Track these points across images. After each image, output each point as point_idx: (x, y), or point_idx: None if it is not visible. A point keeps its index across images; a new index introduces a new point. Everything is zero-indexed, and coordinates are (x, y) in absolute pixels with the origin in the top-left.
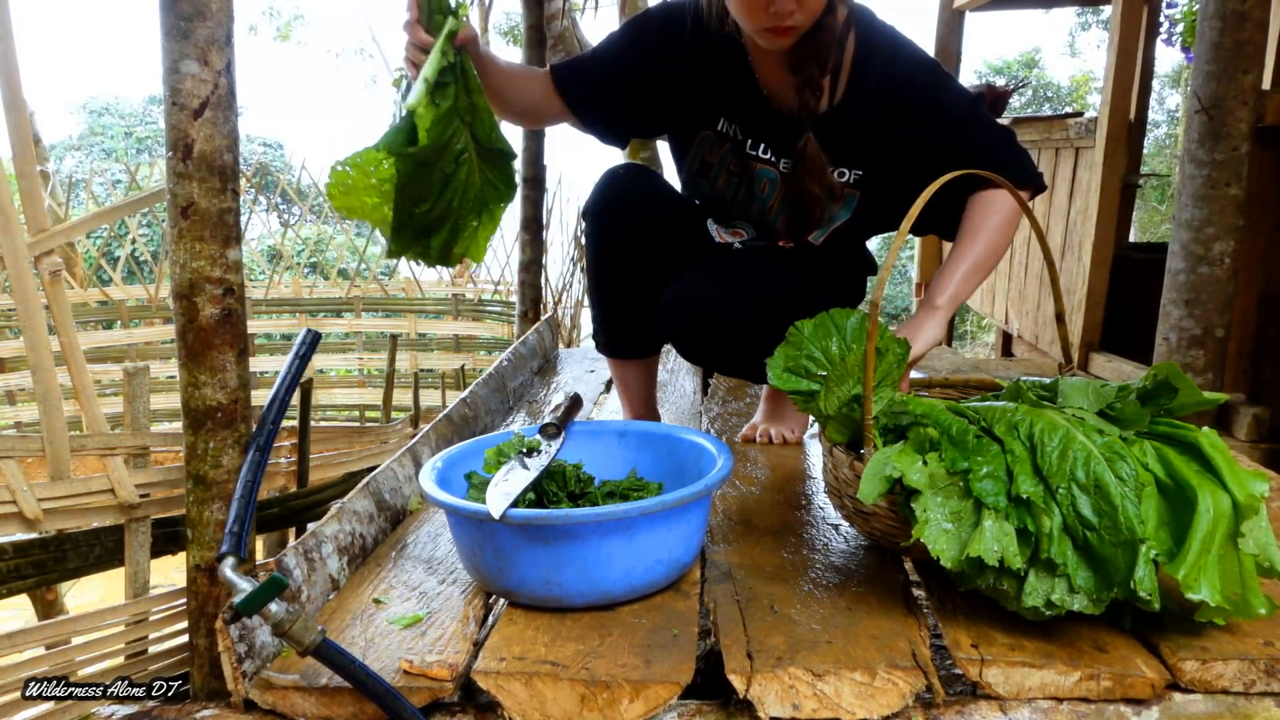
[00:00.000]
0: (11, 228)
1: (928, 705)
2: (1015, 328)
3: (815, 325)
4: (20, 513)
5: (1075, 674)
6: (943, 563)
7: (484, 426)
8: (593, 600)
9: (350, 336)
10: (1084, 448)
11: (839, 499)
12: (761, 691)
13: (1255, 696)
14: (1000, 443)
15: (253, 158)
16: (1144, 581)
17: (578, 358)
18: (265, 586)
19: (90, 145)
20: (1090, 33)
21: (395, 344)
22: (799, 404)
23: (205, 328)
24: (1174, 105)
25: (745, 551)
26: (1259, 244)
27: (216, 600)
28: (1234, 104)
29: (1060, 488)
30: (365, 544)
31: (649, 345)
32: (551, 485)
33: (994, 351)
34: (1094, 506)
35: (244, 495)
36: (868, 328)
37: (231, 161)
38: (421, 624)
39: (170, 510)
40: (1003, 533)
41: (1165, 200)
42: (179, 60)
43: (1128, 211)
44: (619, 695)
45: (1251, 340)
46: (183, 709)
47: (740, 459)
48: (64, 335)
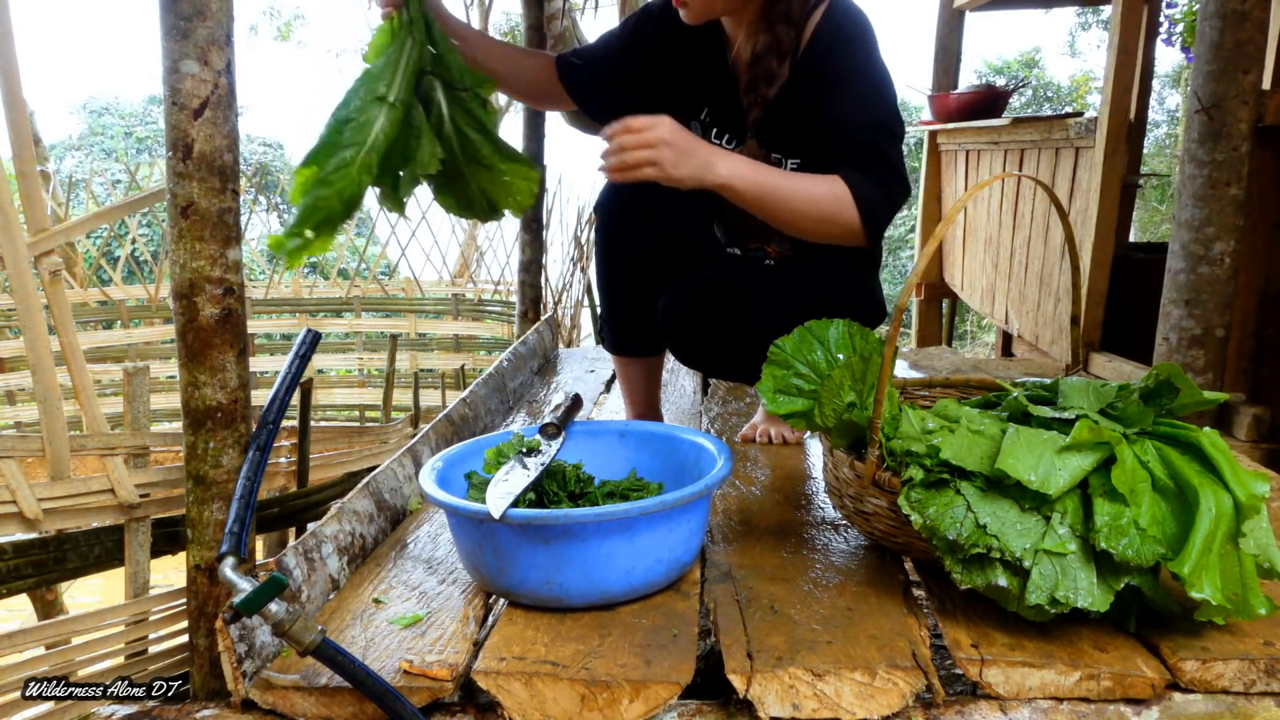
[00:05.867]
0: (11, 228)
1: (928, 705)
2: (1015, 328)
3: (797, 340)
4: (20, 513)
5: (1075, 674)
6: (967, 467)
7: (484, 426)
8: (593, 600)
9: (350, 336)
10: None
11: (839, 499)
12: (761, 691)
13: (1255, 696)
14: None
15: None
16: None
17: (578, 358)
18: (265, 586)
19: (90, 145)
20: (1090, 33)
21: (395, 344)
22: (797, 426)
23: (205, 328)
24: (1174, 105)
25: (745, 551)
26: (1259, 244)
27: (216, 600)
28: (1234, 104)
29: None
30: (365, 544)
31: (653, 344)
32: (551, 485)
33: (994, 351)
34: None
35: (244, 495)
36: (849, 335)
37: (231, 161)
38: (421, 624)
39: (170, 510)
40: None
41: (1165, 200)
42: (179, 60)
43: (1128, 211)
44: (619, 695)
45: (1251, 340)
46: (183, 709)
47: (740, 459)
48: (64, 335)
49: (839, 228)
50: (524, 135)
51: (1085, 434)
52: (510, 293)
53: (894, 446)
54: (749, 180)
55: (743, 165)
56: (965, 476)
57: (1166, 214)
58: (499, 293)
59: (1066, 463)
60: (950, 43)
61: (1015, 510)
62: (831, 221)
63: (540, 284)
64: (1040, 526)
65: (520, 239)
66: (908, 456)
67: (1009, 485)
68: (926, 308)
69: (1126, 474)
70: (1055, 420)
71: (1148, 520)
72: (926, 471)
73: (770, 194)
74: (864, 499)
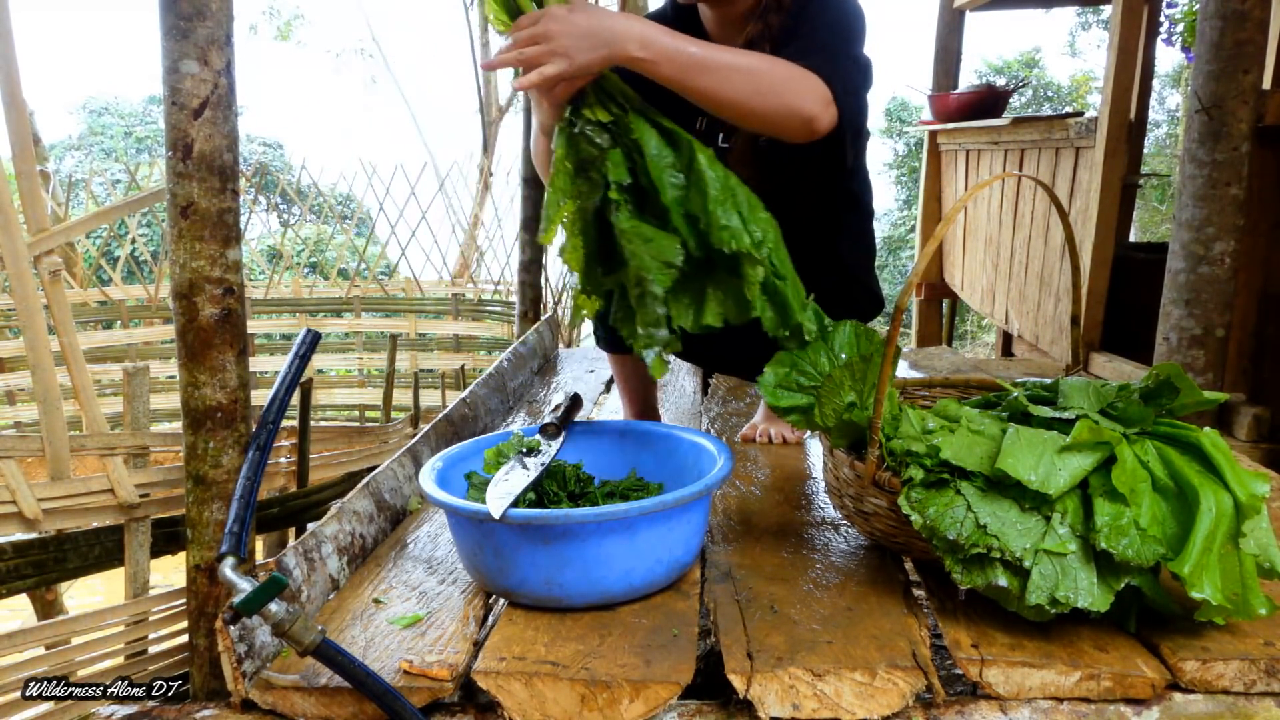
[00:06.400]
0: (11, 228)
1: (928, 705)
2: (1015, 328)
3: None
4: (20, 513)
5: (1075, 674)
6: (968, 467)
7: (484, 426)
8: (593, 600)
9: (350, 336)
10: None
11: (839, 499)
12: (761, 691)
13: (1255, 696)
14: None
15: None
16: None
17: (578, 358)
18: (265, 586)
19: (90, 145)
20: (1090, 33)
21: (395, 344)
22: (798, 422)
23: (205, 328)
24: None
25: (745, 551)
26: (1259, 244)
27: (216, 600)
28: (1234, 104)
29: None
30: (365, 544)
31: None
32: (551, 485)
33: (994, 351)
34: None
35: (244, 495)
36: (855, 336)
37: (231, 161)
38: (421, 624)
39: (170, 510)
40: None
41: (1165, 200)
42: (179, 60)
43: (1128, 211)
44: (619, 695)
45: (1251, 340)
46: (183, 709)
47: (740, 459)
48: (64, 335)
49: (784, 101)
50: (524, 135)
51: (1085, 434)
52: (510, 293)
53: (894, 446)
54: (669, 48)
55: (658, 32)
56: (965, 476)
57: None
58: (499, 293)
59: (1067, 463)
60: (950, 43)
61: (1015, 510)
62: (776, 94)
63: (540, 284)
64: (1040, 526)
65: (520, 239)
66: (908, 456)
67: (1009, 485)
68: (926, 308)
69: (1127, 474)
70: (1055, 420)
71: (1148, 520)
72: (927, 471)
73: (698, 63)
74: (864, 499)
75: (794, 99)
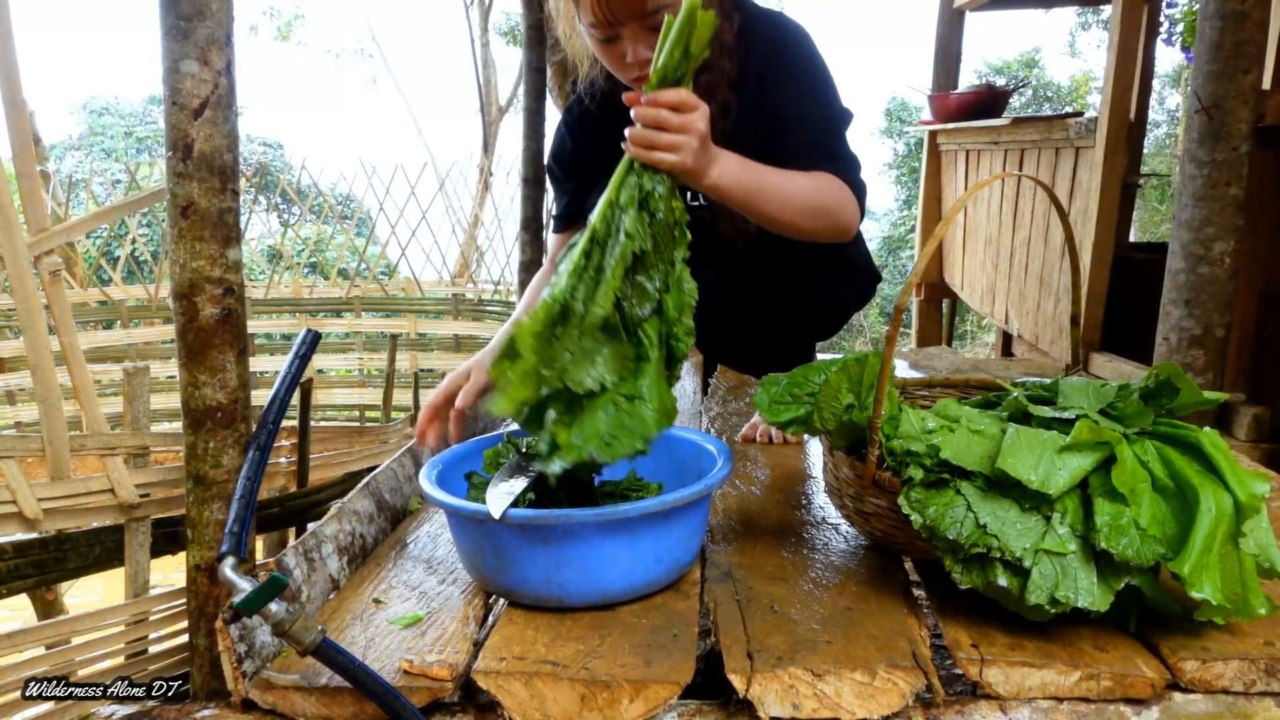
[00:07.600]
0: (11, 228)
1: (928, 705)
2: (1015, 328)
3: (790, 374)
4: (20, 513)
5: (1075, 674)
6: (968, 467)
7: (484, 426)
8: (593, 600)
9: (350, 336)
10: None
11: (839, 499)
12: (761, 691)
13: (1255, 696)
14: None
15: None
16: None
17: None
18: (265, 586)
19: (90, 145)
20: (1090, 33)
21: (395, 344)
22: (798, 431)
23: (205, 328)
24: (1174, 105)
25: (745, 551)
26: (1259, 244)
27: (216, 600)
28: (1234, 104)
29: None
30: (365, 544)
31: None
32: (552, 485)
33: (994, 351)
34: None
35: (244, 495)
36: (840, 364)
37: (231, 161)
38: (421, 624)
39: (170, 510)
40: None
41: (1165, 200)
42: (179, 60)
43: (1128, 211)
44: (619, 695)
45: (1251, 340)
46: (183, 709)
47: (740, 459)
48: (64, 335)
49: (833, 219)
50: (524, 135)
51: (1085, 434)
52: (510, 293)
53: (894, 446)
54: (737, 178)
55: (732, 163)
56: (965, 476)
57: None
58: (499, 293)
59: (1066, 463)
60: (950, 43)
61: (1015, 510)
62: (827, 214)
63: None
64: (1040, 526)
65: (520, 239)
66: (908, 456)
67: (1009, 485)
68: (926, 308)
69: (1126, 474)
70: (1055, 420)
71: (1148, 520)
72: (926, 471)
73: (759, 190)
74: (864, 499)
75: (839, 218)
